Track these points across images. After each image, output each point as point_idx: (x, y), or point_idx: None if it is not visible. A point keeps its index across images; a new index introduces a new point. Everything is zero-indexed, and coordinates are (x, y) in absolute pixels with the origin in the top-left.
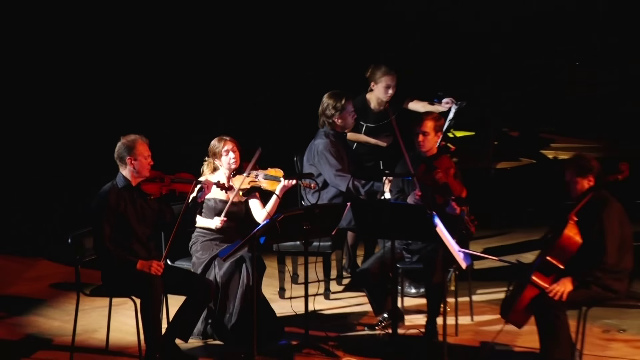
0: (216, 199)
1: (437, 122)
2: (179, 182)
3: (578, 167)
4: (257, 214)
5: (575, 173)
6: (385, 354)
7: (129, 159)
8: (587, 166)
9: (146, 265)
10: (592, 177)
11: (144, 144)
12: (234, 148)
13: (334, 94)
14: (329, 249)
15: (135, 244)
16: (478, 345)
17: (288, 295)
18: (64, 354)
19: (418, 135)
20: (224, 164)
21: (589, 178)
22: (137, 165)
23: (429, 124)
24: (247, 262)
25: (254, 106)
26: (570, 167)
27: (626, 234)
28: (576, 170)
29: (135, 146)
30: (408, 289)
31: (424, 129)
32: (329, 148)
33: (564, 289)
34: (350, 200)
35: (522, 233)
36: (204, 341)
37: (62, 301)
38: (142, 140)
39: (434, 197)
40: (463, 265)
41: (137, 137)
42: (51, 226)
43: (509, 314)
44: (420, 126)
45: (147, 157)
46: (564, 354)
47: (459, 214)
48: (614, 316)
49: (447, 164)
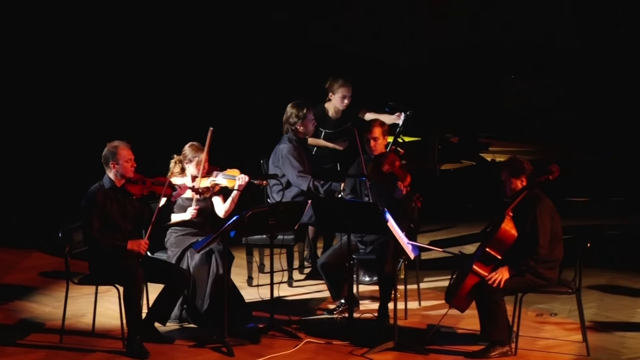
0: (183, 198)
1: (384, 127)
2: (159, 185)
3: (512, 168)
4: (219, 209)
5: (510, 174)
6: (342, 335)
7: (112, 163)
8: (520, 167)
9: (135, 244)
10: (524, 177)
11: (126, 149)
12: (206, 158)
13: (296, 104)
14: (292, 242)
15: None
16: (425, 327)
17: (255, 283)
18: (54, 336)
19: (369, 141)
20: (194, 171)
21: (522, 178)
22: (120, 168)
23: (377, 130)
24: (216, 253)
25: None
26: (505, 168)
27: (556, 227)
28: (510, 171)
29: (118, 151)
30: (362, 277)
31: (374, 135)
32: (292, 152)
33: (501, 276)
34: (311, 198)
35: (464, 227)
36: (180, 324)
37: (52, 289)
38: (124, 145)
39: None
40: (411, 256)
41: (120, 143)
42: (43, 221)
43: (453, 300)
44: (371, 133)
45: (128, 160)
46: (502, 335)
47: (406, 194)
48: (546, 301)
49: (391, 158)
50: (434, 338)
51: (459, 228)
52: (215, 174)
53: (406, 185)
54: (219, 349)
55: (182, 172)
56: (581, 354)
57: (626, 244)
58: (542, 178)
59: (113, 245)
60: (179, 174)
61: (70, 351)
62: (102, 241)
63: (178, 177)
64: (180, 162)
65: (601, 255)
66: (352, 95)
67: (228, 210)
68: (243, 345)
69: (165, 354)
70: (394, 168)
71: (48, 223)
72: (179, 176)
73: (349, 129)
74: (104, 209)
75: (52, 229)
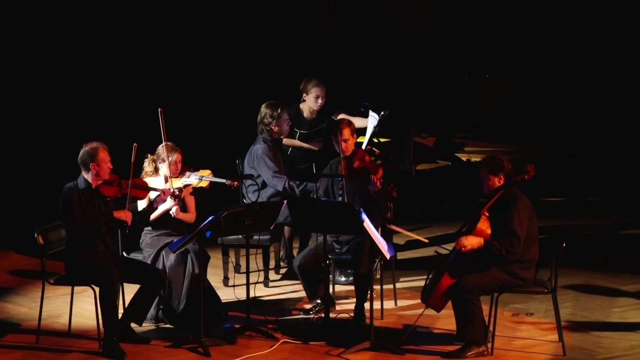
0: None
1: (351, 127)
2: (137, 188)
3: (491, 165)
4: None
5: (488, 171)
6: (318, 335)
7: (92, 165)
8: (500, 165)
9: (122, 213)
10: (502, 175)
11: (105, 151)
12: (180, 158)
13: (270, 104)
14: (268, 242)
15: (95, 239)
16: (401, 327)
17: (231, 284)
18: (30, 337)
19: (340, 143)
20: (168, 172)
21: (500, 176)
22: (99, 170)
23: (347, 131)
24: (191, 253)
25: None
26: (484, 165)
27: (533, 227)
28: (489, 168)
29: (97, 153)
30: (339, 277)
31: (345, 137)
32: (267, 152)
33: (467, 242)
34: (286, 198)
35: (440, 227)
36: (156, 325)
37: (28, 289)
38: (102, 147)
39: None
40: (387, 255)
41: (99, 145)
42: (18, 222)
43: (429, 299)
44: (341, 135)
45: (107, 162)
46: (478, 335)
47: (380, 186)
48: (522, 301)
49: (361, 154)
50: (410, 338)
51: (435, 228)
52: (187, 174)
53: (379, 178)
54: (196, 349)
55: (155, 171)
56: (557, 354)
57: (602, 243)
58: (518, 178)
59: (98, 222)
60: (152, 173)
61: (46, 352)
62: (86, 223)
63: (151, 177)
64: (154, 161)
65: (577, 255)
66: (325, 95)
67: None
68: (219, 345)
69: (142, 354)
70: (365, 163)
71: (24, 224)
72: (152, 176)
73: (323, 130)
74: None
75: (28, 229)
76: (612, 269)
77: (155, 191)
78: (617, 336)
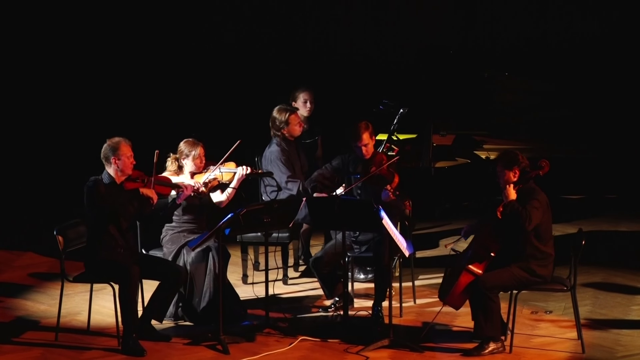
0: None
1: (370, 130)
2: (160, 185)
3: (506, 159)
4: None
5: (503, 165)
6: (337, 333)
7: (114, 159)
8: (514, 159)
9: (149, 191)
10: (517, 170)
11: (127, 145)
12: (202, 152)
13: (280, 109)
14: (287, 240)
15: (116, 233)
16: (420, 325)
17: (250, 281)
18: (49, 334)
19: (361, 148)
20: (192, 167)
21: (515, 170)
22: (121, 164)
23: (366, 135)
24: (213, 251)
25: None
26: (500, 160)
27: (548, 223)
28: (504, 163)
29: (119, 147)
30: (357, 275)
31: (364, 142)
32: (280, 157)
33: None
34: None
35: (459, 224)
36: (176, 322)
37: (47, 287)
38: (125, 142)
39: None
40: (406, 253)
41: (121, 139)
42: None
43: (447, 298)
44: (360, 141)
45: (129, 157)
46: (495, 331)
47: (394, 197)
48: (541, 299)
49: (379, 158)
50: (429, 335)
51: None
52: (211, 168)
53: (394, 187)
54: (215, 347)
55: (179, 170)
56: (576, 352)
57: (621, 241)
58: (533, 174)
59: (124, 202)
60: (175, 172)
61: (65, 349)
62: (112, 203)
63: (174, 175)
64: (176, 160)
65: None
66: (314, 101)
67: (229, 198)
68: (238, 343)
69: (161, 352)
70: (382, 170)
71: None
72: (175, 175)
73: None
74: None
75: (45, 230)
76: (631, 267)
77: (177, 187)
78: (636, 334)
